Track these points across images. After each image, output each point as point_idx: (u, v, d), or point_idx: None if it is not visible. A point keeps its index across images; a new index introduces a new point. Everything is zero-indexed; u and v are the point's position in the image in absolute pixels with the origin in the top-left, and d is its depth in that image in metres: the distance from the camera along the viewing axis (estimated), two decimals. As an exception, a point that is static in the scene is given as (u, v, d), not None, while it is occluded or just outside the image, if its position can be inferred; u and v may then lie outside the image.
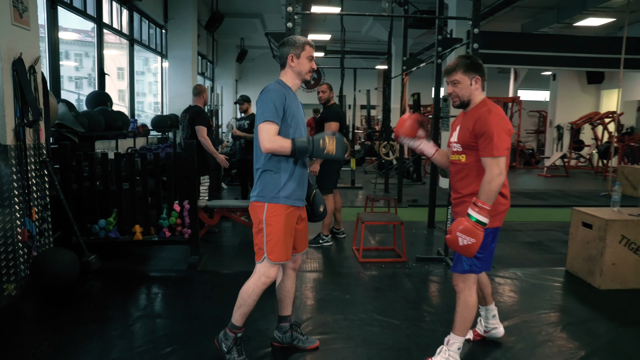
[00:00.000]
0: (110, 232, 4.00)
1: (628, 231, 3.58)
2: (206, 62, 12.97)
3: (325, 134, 2.28)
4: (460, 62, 2.36)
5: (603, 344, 2.74)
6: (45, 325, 2.90)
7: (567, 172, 11.75)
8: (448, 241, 2.21)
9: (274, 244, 2.30)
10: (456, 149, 2.42)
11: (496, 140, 2.18)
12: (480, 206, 2.15)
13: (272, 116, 2.23)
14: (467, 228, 2.13)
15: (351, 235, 5.08)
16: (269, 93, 2.27)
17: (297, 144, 2.20)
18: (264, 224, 2.31)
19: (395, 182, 8.53)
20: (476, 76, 2.35)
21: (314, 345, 2.63)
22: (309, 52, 2.37)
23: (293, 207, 2.35)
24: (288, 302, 2.61)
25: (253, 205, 2.37)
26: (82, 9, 5.75)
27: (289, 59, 2.36)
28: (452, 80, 2.38)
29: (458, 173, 2.42)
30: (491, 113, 2.25)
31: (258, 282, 2.35)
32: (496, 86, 16.74)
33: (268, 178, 2.32)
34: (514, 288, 3.70)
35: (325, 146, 2.23)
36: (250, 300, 2.37)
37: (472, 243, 2.13)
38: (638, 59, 7.88)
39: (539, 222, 6.25)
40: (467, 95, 2.37)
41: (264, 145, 2.22)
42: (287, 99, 2.29)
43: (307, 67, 2.37)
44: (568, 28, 11.44)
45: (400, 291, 3.59)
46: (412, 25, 9.15)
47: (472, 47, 4.26)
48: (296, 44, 2.35)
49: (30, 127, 3.45)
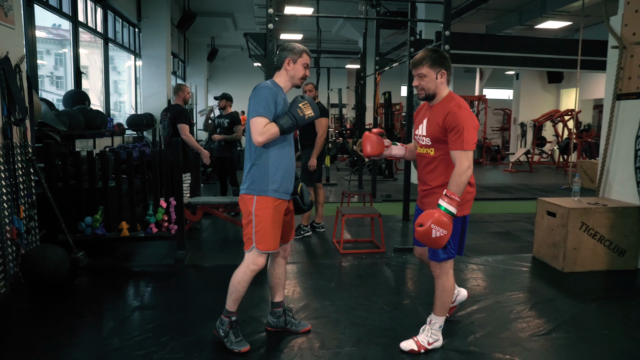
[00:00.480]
0: (97, 229, 4.05)
1: (587, 218, 3.90)
2: (178, 61, 12.90)
3: (297, 102, 2.45)
4: (427, 56, 2.41)
5: (567, 318, 3.03)
6: (40, 320, 2.95)
7: (531, 167, 12.31)
8: (420, 234, 2.21)
9: (262, 235, 2.45)
10: (425, 143, 2.49)
11: (466, 134, 2.28)
12: (451, 197, 2.23)
13: (264, 111, 2.37)
14: (440, 220, 2.18)
15: (330, 229, 5.27)
16: (262, 90, 2.42)
17: (283, 124, 2.39)
18: (253, 215, 2.45)
19: (367, 179, 8.79)
20: (442, 70, 2.41)
21: (306, 328, 2.80)
22: (305, 59, 2.53)
23: (281, 199, 2.50)
24: (280, 289, 2.77)
25: (243, 198, 2.51)
26: (57, 7, 5.72)
27: (286, 62, 2.51)
28: (419, 74, 2.43)
29: (427, 166, 2.51)
30: (461, 108, 2.34)
31: (247, 270, 2.51)
32: (462, 85, 17.27)
33: (257, 172, 2.46)
34: (486, 273, 3.97)
35: (304, 112, 2.44)
36: (240, 287, 2.52)
37: (444, 235, 2.19)
38: (593, 60, 8.38)
39: (506, 213, 6.61)
40: (432, 89, 2.43)
41: (256, 139, 2.36)
42: (279, 97, 2.45)
43: (301, 73, 2.53)
44: (529, 30, 12.00)
45: (381, 279, 3.80)
46: (383, 26, 9.43)
47: (444, 48, 4.52)
48: (294, 50, 2.51)
49: (17, 126, 3.48)
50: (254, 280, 2.55)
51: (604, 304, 3.29)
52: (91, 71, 7.83)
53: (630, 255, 3.99)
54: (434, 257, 2.53)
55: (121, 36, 8.37)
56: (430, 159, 2.49)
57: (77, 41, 6.27)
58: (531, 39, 10.30)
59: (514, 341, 2.72)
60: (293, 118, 2.41)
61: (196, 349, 2.58)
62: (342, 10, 11.06)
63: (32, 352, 2.54)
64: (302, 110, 2.43)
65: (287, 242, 2.70)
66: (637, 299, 3.48)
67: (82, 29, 6.54)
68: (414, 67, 2.46)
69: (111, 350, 2.56)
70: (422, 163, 2.56)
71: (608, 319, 3.05)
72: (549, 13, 10.23)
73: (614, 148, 4.24)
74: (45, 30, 6.72)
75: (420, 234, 2.22)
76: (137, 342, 2.65)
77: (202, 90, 15.00)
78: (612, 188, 4.28)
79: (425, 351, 2.56)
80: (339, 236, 4.73)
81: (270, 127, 2.36)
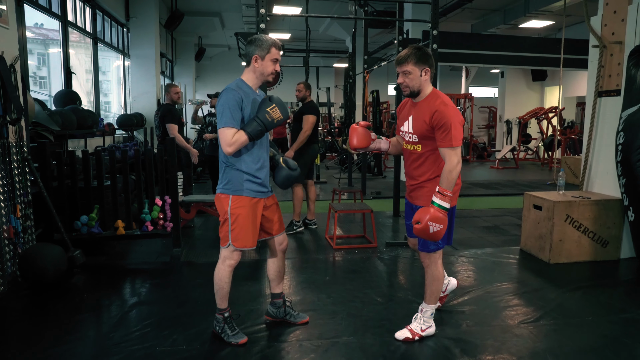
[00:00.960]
0: (92, 228, 4.08)
1: (571, 211, 4.05)
2: (166, 61, 12.87)
3: (264, 105, 2.39)
4: (412, 54, 2.45)
5: (553, 306, 3.16)
6: (40, 317, 2.99)
7: (517, 164, 12.53)
8: (418, 231, 2.33)
9: (238, 232, 2.49)
10: (412, 140, 2.56)
11: (453, 131, 2.36)
12: (443, 194, 2.33)
13: (228, 121, 2.37)
14: (436, 216, 2.30)
15: (322, 226, 5.35)
16: (222, 98, 2.41)
17: (251, 132, 2.37)
18: (229, 214, 2.49)
19: (357, 177, 8.89)
20: (426, 67, 2.45)
21: (304, 320, 2.88)
22: (274, 54, 2.46)
23: (257, 198, 2.54)
24: (279, 281, 2.84)
25: (219, 197, 2.54)
26: (47, 7, 5.71)
27: (254, 59, 2.45)
28: (404, 71, 2.46)
29: (415, 162, 2.58)
30: (447, 106, 2.40)
31: (224, 266, 2.56)
32: (449, 83, 17.50)
33: (232, 172, 2.49)
34: (476, 266, 4.09)
35: (272, 117, 2.39)
36: (222, 284, 2.58)
37: (441, 229, 2.32)
38: (575, 59, 8.59)
39: (494, 209, 6.77)
40: (417, 86, 2.48)
41: (226, 150, 2.38)
42: (244, 101, 2.41)
43: (270, 69, 2.48)
44: (514, 29, 12.22)
45: (374, 272, 3.90)
46: (370, 25, 9.54)
47: (432, 47, 4.63)
48: (262, 45, 2.44)
49: (13, 125, 3.50)
50: (251, 275, 2.64)
51: (588, 292, 3.43)
52: (77, 71, 7.79)
53: (613, 246, 4.14)
54: (423, 248, 2.63)
55: (110, 36, 8.35)
56: (418, 155, 2.57)
57: (67, 41, 6.26)
58: (515, 37, 10.52)
59: (503, 328, 2.84)
60: (261, 124, 2.38)
61: (197, 341, 2.65)
62: (329, 10, 11.14)
63: (34, 348, 2.58)
64: (270, 115, 2.38)
65: (274, 235, 2.70)
66: (619, 287, 3.64)
67: (72, 28, 6.52)
68: (398, 64, 2.49)
69: (113, 344, 2.62)
70: (409, 159, 2.64)
71: (592, 306, 3.19)
72: (532, 12, 10.44)
73: (596, 143, 4.40)
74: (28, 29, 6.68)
75: (419, 231, 2.34)
76: (139, 336, 2.70)
77: (190, 89, 14.97)
78: (595, 182, 4.44)
79: (419, 338, 2.66)
80: (332, 232, 4.82)
81: (238, 136, 2.37)
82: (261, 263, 4.06)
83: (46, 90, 7.63)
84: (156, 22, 9.25)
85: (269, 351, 2.56)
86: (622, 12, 3.99)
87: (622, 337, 2.74)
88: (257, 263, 4.09)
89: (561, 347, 2.59)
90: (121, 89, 9.62)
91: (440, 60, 9.88)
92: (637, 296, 3.41)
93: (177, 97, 5.43)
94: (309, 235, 5.12)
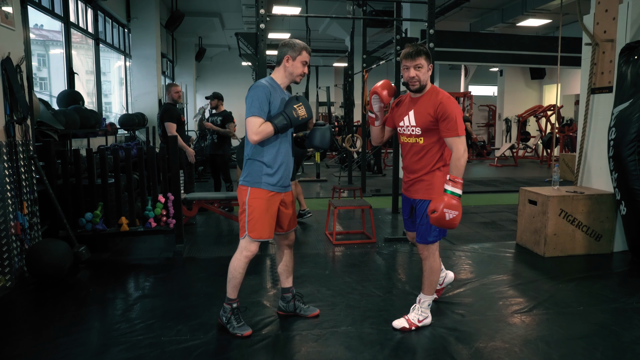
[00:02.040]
0: (97, 225, 4.17)
1: (565, 205, 4.13)
2: (166, 61, 12.97)
3: (291, 102, 2.55)
4: (421, 49, 2.59)
5: (546, 297, 3.25)
6: (48, 310, 3.08)
7: (516, 161, 12.62)
8: (434, 220, 2.41)
9: (254, 223, 2.59)
10: (414, 133, 2.64)
11: (458, 122, 2.50)
12: (455, 181, 2.43)
13: (257, 111, 2.51)
14: (450, 203, 2.38)
15: (322, 223, 5.44)
16: (255, 90, 2.55)
17: (277, 124, 2.51)
18: (247, 205, 2.60)
19: (357, 175, 8.98)
20: (431, 64, 2.63)
21: (314, 313, 2.94)
22: (305, 57, 2.63)
23: (275, 192, 2.64)
24: (288, 275, 2.91)
25: (239, 189, 2.68)
26: (49, 8, 5.80)
27: (285, 59, 2.61)
28: (417, 64, 2.56)
29: (416, 154, 2.66)
30: (450, 99, 2.56)
31: (241, 256, 2.66)
32: (448, 82, 17.58)
33: (252, 166, 2.61)
34: (473, 259, 4.18)
35: (298, 114, 2.55)
36: (236, 274, 2.67)
37: (456, 216, 2.40)
38: (573, 57, 8.65)
39: (491, 205, 6.85)
40: (425, 80, 2.60)
41: (251, 138, 2.51)
42: (272, 96, 2.57)
43: (300, 70, 2.63)
44: (511, 28, 12.30)
45: (373, 266, 3.99)
46: (369, 24, 9.63)
47: (429, 46, 4.71)
48: (295, 47, 2.60)
49: (20, 124, 3.59)
50: (253, 270, 2.71)
51: (581, 284, 3.52)
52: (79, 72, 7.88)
53: (606, 240, 4.23)
54: (422, 240, 2.72)
55: (111, 37, 8.45)
56: (420, 147, 2.66)
57: (69, 42, 6.35)
58: (514, 36, 10.60)
59: (498, 318, 2.93)
60: (287, 118, 2.52)
61: (201, 331, 2.74)
62: (328, 10, 11.23)
63: (43, 339, 2.67)
64: (297, 112, 2.54)
65: (286, 231, 2.82)
66: (611, 278, 3.72)
67: (74, 29, 6.62)
68: (412, 57, 2.57)
69: (119, 334, 2.71)
70: (410, 152, 2.72)
71: (584, 297, 3.28)
72: (529, 11, 10.53)
73: (589, 139, 4.48)
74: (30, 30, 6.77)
75: (435, 220, 2.43)
76: (144, 327, 2.79)
77: (191, 89, 15.06)
78: (589, 177, 4.53)
79: (416, 328, 2.75)
80: (332, 228, 4.90)
81: (264, 126, 2.50)
82: (262, 258, 4.16)
83: (47, 91, 7.71)
84: (157, 22, 9.34)
85: (270, 340, 2.65)
86: (614, 11, 4.07)
87: (611, 325, 2.82)
88: (258, 258, 4.17)
89: (552, 335, 2.68)
90: (122, 89, 9.71)
91: (439, 58, 10.04)
92: (628, 287, 3.50)
93: (177, 96, 5.52)
94: (309, 232, 5.21)
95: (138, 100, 9.21)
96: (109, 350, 2.52)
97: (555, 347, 2.55)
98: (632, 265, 3.97)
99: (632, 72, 3.80)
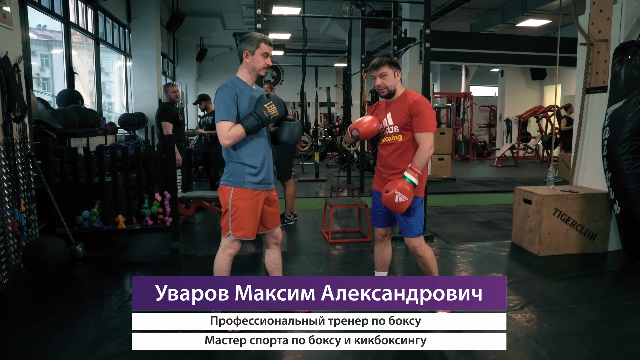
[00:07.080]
0: (94, 222, 4.21)
1: (560, 204, 4.15)
2: (167, 61, 13.03)
3: (261, 102, 2.48)
4: (384, 59, 2.77)
5: (538, 295, 3.27)
6: (45, 305, 3.12)
7: (516, 162, 12.62)
8: (385, 198, 2.59)
9: (238, 223, 2.59)
10: (393, 131, 2.78)
11: (428, 119, 2.66)
12: (414, 170, 2.61)
13: (224, 115, 2.49)
14: (404, 188, 2.56)
15: (319, 222, 5.47)
16: (218, 95, 2.54)
17: (248, 125, 2.48)
18: (230, 205, 2.59)
19: (356, 175, 8.99)
20: (397, 70, 2.78)
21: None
22: (264, 49, 2.56)
23: (259, 190, 2.63)
24: (278, 273, 2.93)
25: (221, 188, 2.66)
26: (49, 8, 5.85)
27: (244, 54, 2.57)
28: (380, 73, 2.75)
29: (395, 151, 2.78)
30: (423, 99, 2.72)
31: (224, 255, 2.66)
32: (449, 82, 17.58)
33: (234, 165, 2.60)
34: (469, 258, 4.20)
35: (269, 112, 2.49)
36: (222, 272, 2.67)
37: (405, 201, 2.56)
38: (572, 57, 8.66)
39: (489, 205, 6.87)
40: (392, 86, 2.77)
41: (223, 142, 2.51)
42: (239, 96, 2.54)
43: (262, 63, 2.58)
44: (512, 28, 12.31)
45: (368, 264, 4.01)
46: (369, 25, 9.66)
47: (425, 46, 4.73)
48: (251, 41, 2.55)
49: (17, 123, 3.63)
50: (248, 267, 2.74)
51: (573, 282, 3.53)
52: (80, 72, 7.93)
53: (601, 239, 4.24)
54: (409, 233, 2.78)
55: (111, 37, 8.50)
56: (399, 144, 2.78)
57: (69, 42, 6.40)
58: (514, 36, 10.61)
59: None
60: (258, 119, 2.47)
61: (193, 327, 2.76)
62: (328, 10, 11.26)
63: (41, 332, 2.71)
64: (267, 110, 2.48)
65: (269, 229, 2.79)
66: (603, 277, 3.74)
67: (74, 29, 6.67)
68: (374, 68, 2.77)
69: (113, 329, 2.74)
70: (389, 150, 2.82)
71: (575, 295, 3.29)
72: (529, 12, 10.54)
73: (584, 139, 4.50)
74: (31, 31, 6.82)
75: (386, 199, 2.60)
76: (138, 323, 2.82)
77: (192, 90, 15.12)
78: (583, 176, 4.54)
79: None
80: (328, 227, 4.93)
81: (235, 130, 2.47)
82: (258, 256, 4.19)
83: (50, 91, 7.76)
84: (157, 22, 9.39)
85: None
86: (608, 11, 4.09)
87: (600, 322, 2.84)
88: (254, 256, 4.22)
89: (541, 332, 2.70)
90: (123, 89, 9.77)
91: (440, 59, 10.07)
92: (620, 285, 3.52)
93: (174, 95, 5.55)
94: (305, 230, 5.24)
95: (138, 100, 9.26)
96: (103, 344, 2.56)
97: (543, 344, 2.57)
98: (625, 264, 3.98)
99: (625, 72, 3.81)
